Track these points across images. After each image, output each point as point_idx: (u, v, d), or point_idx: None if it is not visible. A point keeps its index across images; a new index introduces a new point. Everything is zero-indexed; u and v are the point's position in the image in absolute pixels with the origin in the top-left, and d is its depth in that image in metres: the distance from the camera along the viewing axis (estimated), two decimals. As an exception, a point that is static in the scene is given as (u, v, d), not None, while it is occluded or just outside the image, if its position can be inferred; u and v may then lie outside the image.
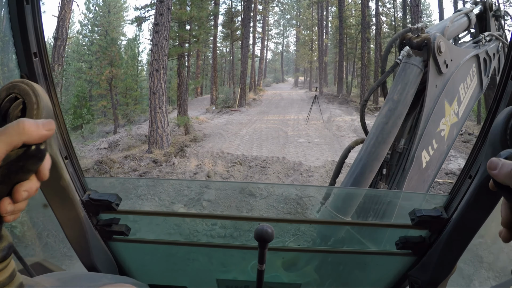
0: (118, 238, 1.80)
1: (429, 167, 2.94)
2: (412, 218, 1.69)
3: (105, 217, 1.75)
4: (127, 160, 14.03)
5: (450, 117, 3.07)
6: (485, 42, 3.66)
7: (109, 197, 1.64)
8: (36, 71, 1.34)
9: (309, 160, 14.05)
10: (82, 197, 1.61)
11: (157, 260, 2.07)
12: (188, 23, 21.56)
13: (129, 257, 1.94)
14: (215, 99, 30.48)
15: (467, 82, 3.31)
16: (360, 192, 2.71)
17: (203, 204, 8.38)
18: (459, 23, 3.62)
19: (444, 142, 3.05)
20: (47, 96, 1.25)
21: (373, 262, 2.04)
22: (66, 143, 1.50)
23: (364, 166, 2.72)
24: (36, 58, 1.33)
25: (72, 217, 1.55)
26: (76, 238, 1.61)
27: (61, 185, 1.43)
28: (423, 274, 1.73)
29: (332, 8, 44.22)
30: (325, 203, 2.73)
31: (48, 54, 1.42)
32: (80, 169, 1.60)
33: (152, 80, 15.32)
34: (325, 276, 2.18)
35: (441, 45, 2.88)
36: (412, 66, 2.90)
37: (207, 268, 2.13)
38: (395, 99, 2.85)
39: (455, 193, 1.59)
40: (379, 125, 2.82)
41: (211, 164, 13.36)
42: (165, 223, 2.23)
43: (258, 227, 1.37)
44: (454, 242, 1.57)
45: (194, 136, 17.79)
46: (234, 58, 39.23)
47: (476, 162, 1.46)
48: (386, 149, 2.80)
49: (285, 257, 2.07)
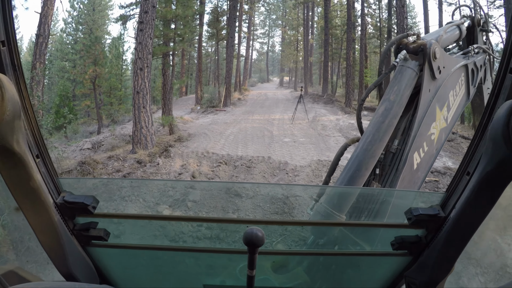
0: (97, 243, 1.67)
1: (419, 169, 2.99)
2: (409, 217, 1.63)
3: (83, 221, 1.62)
4: (111, 161, 13.79)
5: (440, 121, 3.17)
6: (474, 53, 3.85)
7: (85, 199, 1.51)
8: (4, 61, 1.21)
9: (295, 159, 14.01)
10: (56, 200, 1.48)
11: (140, 265, 1.95)
12: (173, 22, 21.36)
13: (110, 264, 1.82)
14: (200, 98, 30.30)
15: (456, 89, 3.45)
16: (354, 190, 2.72)
17: (188, 205, 8.26)
18: (452, 33, 3.81)
19: (434, 145, 3.13)
20: (14, 89, 1.13)
21: (367, 262, 1.99)
22: (37, 140, 1.37)
23: (360, 163, 2.74)
24: (4, 47, 1.21)
25: (45, 222, 1.41)
26: (50, 245, 1.47)
27: (32, 187, 1.29)
28: (420, 275, 1.66)
29: (318, 9, 44.44)
30: (319, 200, 2.74)
31: (30, 51, 1.31)
32: (53, 169, 1.48)
33: (136, 79, 15.08)
34: (317, 278, 2.11)
35: (436, 51, 3.01)
36: (408, 69, 3.02)
37: (194, 272, 2.02)
38: (391, 99, 2.93)
39: (452, 190, 1.55)
40: (376, 123, 2.87)
41: (196, 164, 13.22)
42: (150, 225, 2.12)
43: (247, 230, 1.27)
44: (453, 241, 1.51)
45: (178, 136, 17.60)
46: (219, 57, 39.06)
47: (474, 158, 1.42)
48: (382, 147, 2.85)
49: (276, 260, 2.00)
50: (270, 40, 67.50)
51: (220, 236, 5.42)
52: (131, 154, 14.41)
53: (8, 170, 1.22)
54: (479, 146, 1.41)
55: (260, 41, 65.56)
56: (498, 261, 6.03)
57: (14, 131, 1.11)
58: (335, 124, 21.05)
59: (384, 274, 1.93)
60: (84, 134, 24.83)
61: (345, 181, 2.72)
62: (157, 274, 2.01)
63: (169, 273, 2.02)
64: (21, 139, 1.17)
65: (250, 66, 58.23)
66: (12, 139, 1.11)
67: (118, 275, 1.88)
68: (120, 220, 1.80)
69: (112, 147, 16.58)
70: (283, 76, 59.69)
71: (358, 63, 31.19)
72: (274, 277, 2.01)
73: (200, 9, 30.33)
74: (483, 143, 1.38)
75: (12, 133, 1.11)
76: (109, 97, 28.81)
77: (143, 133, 15.00)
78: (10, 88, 1.07)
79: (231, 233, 4.70)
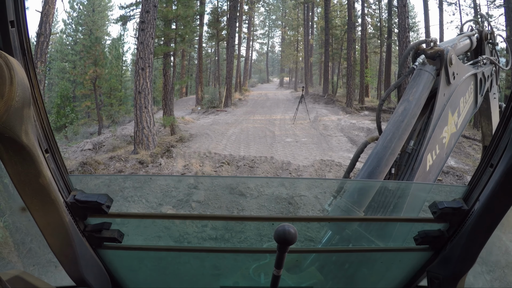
0: (109, 245, 1.56)
1: (431, 171, 3.08)
2: (434, 211, 1.61)
3: (94, 221, 1.51)
4: (113, 161, 13.69)
5: (451, 126, 3.31)
6: (482, 64, 4.06)
7: (99, 198, 1.40)
8: (12, 44, 1.10)
9: (298, 159, 13.92)
10: (67, 199, 1.36)
11: (152, 267, 1.85)
12: (174, 22, 21.29)
13: (121, 266, 1.71)
14: (200, 99, 30.27)
15: (466, 96, 3.62)
16: (373, 184, 2.76)
17: (192, 205, 8.16)
18: (464, 43, 3.99)
19: (444, 149, 3.24)
20: (23, 72, 1.01)
21: (387, 258, 1.94)
22: (46, 133, 1.26)
23: (380, 159, 2.81)
24: (13, 28, 1.10)
25: (55, 222, 1.29)
26: (60, 247, 1.36)
27: (41, 184, 1.17)
28: (444, 269, 1.64)
29: (318, 9, 44.47)
30: (337, 196, 2.81)
31: (31, 50, 1.20)
32: (63, 165, 1.36)
33: (137, 79, 14.97)
34: (334, 276, 2.07)
35: (453, 58, 3.18)
36: (427, 73, 3.17)
37: (209, 274, 1.93)
38: (410, 99, 3.07)
39: (475, 183, 1.54)
40: (396, 122, 2.98)
41: (198, 165, 13.13)
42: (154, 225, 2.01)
43: (278, 227, 1.20)
44: (476, 234, 1.51)
45: (180, 137, 17.51)
46: (220, 58, 39.04)
47: (498, 151, 1.42)
48: (401, 145, 2.93)
49: (297, 258, 1.96)
50: (270, 40, 67.81)
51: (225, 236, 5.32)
52: (133, 155, 14.31)
53: (15, 165, 1.10)
54: (503, 138, 1.40)
55: (260, 41, 65.87)
56: (503, 259, 6.06)
57: (23, 120, 0.99)
58: (336, 124, 21.00)
59: (404, 269, 1.90)
60: (84, 135, 24.78)
61: (365, 176, 2.79)
62: (168, 276, 1.92)
63: (182, 275, 1.94)
64: (30, 131, 1.05)
65: (250, 67, 58.31)
66: (20, 130, 0.99)
67: (129, 278, 1.78)
68: (123, 221, 1.70)
69: (113, 148, 16.49)
70: (283, 77, 59.85)
71: (359, 63, 31.24)
72: (288, 277, 1.95)
73: (200, 10, 30.28)
74: (507, 135, 1.37)
75: (21, 123, 0.98)
76: (109, 98, 28.84)
77: (145, 133, 14.90)
78: (20, 71, 0.95)
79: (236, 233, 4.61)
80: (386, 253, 1.94)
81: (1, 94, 0.89)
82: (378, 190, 2.68)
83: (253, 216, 2.66)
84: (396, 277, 1.94)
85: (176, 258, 1.86)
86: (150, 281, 1.88)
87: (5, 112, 0.90)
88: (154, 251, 1.75)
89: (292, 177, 12.14)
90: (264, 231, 2.73)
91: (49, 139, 1.27)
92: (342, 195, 2.73)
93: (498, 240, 6.35)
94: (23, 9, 1.12)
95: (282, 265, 1.30)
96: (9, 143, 1.02)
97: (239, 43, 41.47)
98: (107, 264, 1.64)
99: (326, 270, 2.09)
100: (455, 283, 1.61)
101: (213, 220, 2.16)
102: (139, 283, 1.84)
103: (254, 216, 3.50)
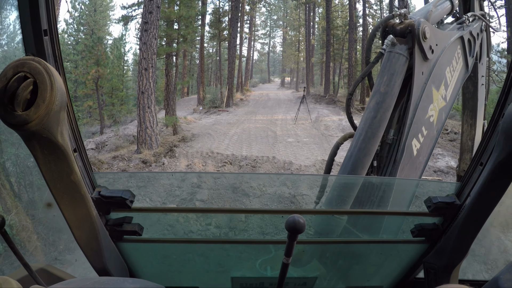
0: (129, 238, 1.66)
1: (420, 154, 2.89)
2: (429, 205, 1.74)
3: (115, 216, 1.61)
4: (116, 161, 13.77)
5: (438, 102, 3.04)
6: (469, 22, 3.63)
7: (123, 193, 1.50)
8: (46, 51, 1.19)
9: (299, 159, 14.00)
10: (92, 194, 1.46)
11: (167, 260, 1.95)
12: (176, 22, 21.35)
13: (139, 258, 1.80)
14: (202, 99, 30.28)
15: (452, 65, 3.27)
16: (357, 180, 2.59)
17: (196, 204, 8.23)
18: (442, 7, 3.53)
19: (434, 127, 3.01)
20: (61, 79, 1.11)
21: (385, 250, 2.05)
22: (75, 134, 1.35)
23: (356, 163, 2.63)
24: (46, 37, 1.18)
25: (82, 217, 1.38)
26: (86, 240, 1.44)
27: (72, 181, 1.26)
28: (439, 260, 1.76)
29: (319, 9, 44.41)
30: (321, 197, 2.75)
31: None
32: (89, 164, 1.46)
33: (140, 79, 15.05)
34: (334, 268, 2.16)
35: (426, 31, 2.79)
36: (397, 55, 2.82)
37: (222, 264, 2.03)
38: (382, 91, 2.76)
39: (467, 180, 1.66)
40: (367, 119, 2.73)
41: (201, 164, 13.21)
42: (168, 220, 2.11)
43: (289, 218, 1.28)
44: (468, 226, 1.61)
45: (182, 136, 17.59)
46: (221, 58, 39.06)
47: (487, 150, 1.54)
48: (377, 143, 2.71)
49: (303, 249, 2.03)
50: (271, 40, 67.65)
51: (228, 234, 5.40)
52: (136, 154, 14.38)
53: (49, 163, 1.18)
54: (491, 139, 1.52)
55: (261, 41, 65.80)
56: (501, 257, 6.23)
57: (59, 122, 1.09)
58: (337, 124, 21.04)
59: (402, 260, 2.01)
60: (86, 135, 24.78)
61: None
62: (183, 268, 2.02)
63: (195, 267, 2.03)
64: (65, 132, 1.15)
65: (252, 67, 58.29)
66: (57, 131, 1.09)
67: (146, 269, 1.87)
68: (139, 215, 1.79)
69: (116, 147, 16.56)
70: (285, 77, 59.76)
71: (360, 64, 31.22)
72: (291, 269, 2.01)
73: (202, 10, 30.31)
74: (495, 136, 1.47)
75: (58, 124, 1.08)
76: (111, 97, 28.79)
77: (148, 133, 14.98)
78: (58, 77, 1.05)
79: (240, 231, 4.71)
80: (385, 245, 2.02)
81: (43, 98, 0.99)
82: (362, 186, 2.52)
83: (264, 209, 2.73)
84: (395, 269, 2.04)
85: (192, 250, 1.94)
86: (166, 271, 1.98)
87: (45, 115, 1.00)
88: (171, 243, 1.85)
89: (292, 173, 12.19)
90: (267, 229, 2.84)
91: (77, 139, 1.36)
92: (329, 191, 2.58)
93: (497, 239, 6.45)
94: (55, 19, 1.21)
95: (291, 253, 1.38)
96: (45, 143, 1.10)
97: (240, 43, 41.51)
98: (125, 256, 1.73)
99: (328, 261, 2.15)
100: (449, 273, 1.73)
101: (226, 213, 2.27)
102: (155, 273, 1.93)
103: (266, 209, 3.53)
